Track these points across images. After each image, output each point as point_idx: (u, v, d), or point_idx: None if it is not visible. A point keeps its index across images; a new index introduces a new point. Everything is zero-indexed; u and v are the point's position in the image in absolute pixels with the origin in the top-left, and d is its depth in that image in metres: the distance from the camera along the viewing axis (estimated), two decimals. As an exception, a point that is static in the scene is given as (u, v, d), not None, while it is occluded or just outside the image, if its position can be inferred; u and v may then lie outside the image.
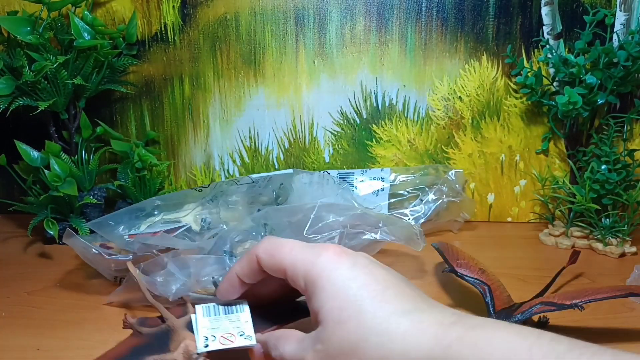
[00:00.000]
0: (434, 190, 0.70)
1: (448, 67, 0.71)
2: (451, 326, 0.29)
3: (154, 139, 0.75)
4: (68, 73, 0.63)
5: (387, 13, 0.71)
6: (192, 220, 0.57)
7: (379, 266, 0.34)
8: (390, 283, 0.33)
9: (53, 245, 0.66)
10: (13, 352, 0.42)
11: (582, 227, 0.67)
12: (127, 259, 0.51)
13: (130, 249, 0.51)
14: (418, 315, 0.31)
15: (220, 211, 0.58)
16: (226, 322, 0.38)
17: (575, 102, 0.63)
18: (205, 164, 0.76)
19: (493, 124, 0.72)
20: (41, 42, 0.61)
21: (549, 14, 0.68)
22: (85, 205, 0.66)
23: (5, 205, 0.67)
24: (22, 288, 0.55)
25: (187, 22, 0.72)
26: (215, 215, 0.58)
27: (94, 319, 0.48)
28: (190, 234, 0.56)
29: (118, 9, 0.72)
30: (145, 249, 0.51)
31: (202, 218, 0.57)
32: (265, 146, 0.75)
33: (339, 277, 0.32)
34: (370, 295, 0.32)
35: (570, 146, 0.70)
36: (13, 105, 0.62)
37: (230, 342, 0.36)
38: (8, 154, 0.67)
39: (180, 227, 0.56)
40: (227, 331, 0.37)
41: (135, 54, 0.72)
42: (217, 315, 0.39)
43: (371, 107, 0.73)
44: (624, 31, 0.66)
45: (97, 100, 0.71)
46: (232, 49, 0.72)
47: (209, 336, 0.37)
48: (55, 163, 0.62)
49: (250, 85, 0.73)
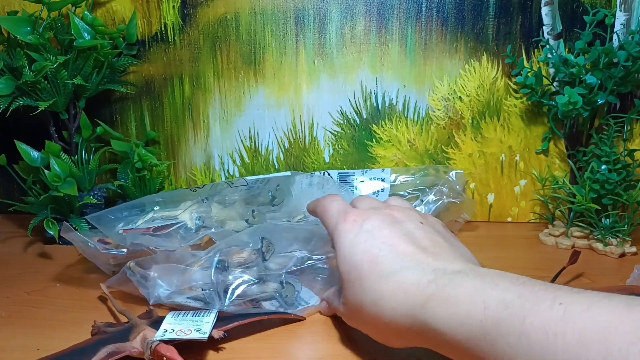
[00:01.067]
0: (434, 191, 0.70)
1: (448, 67, 0.71)
2: (428, 285, 0.33)
3: (154, 139, 0.75)
4: (68, 73, 0.63)
5: (387, 13, 0.71)
6: (188, 218, 0.57)
7: (387, 225, 0.39)
8: (386, 245, 0.37)
9: (53, 245, 0.66)
10: (13, 352, 0.42)
11: (582, 227, 0.67)
12: (122, 254, 0.52)
13: (124, 245, 0.52)
14: (403, 274, 0.35)
15: (215, 210, 0.58)
16: (189, 321, 0.41)
17: (576, 102, 0.63)
18: (205, 164, 0.76)
19: (493, 124, 0.72)
20: (41, 42, 0.61)
21: (549, 14, 0.68)
22: (85, 206, 0.66)
23: (5, 205, 0.67)
24: (22, 288, 0.55)
25: (187, 22, 0.72)
26: (210, 214, 0.58)
27: (93, 319, 0.48)
28: (185, 232, 0.56)
29: (118, 9, 0.72)
30: (136, 247, 0.51)
31: (197, 216, 0.57)
32: (265, 146, 0.75)
33: (347, 244, 0.39)
34: (368, 259, 0.37)
35: (570, 146, 0.70)
36: (13, 105, 0.62)
37: (185, 335, 0.39)
38: (8, 154, 0.67)
39: (175, 224, 0.57)
40: (186, 327, 0.40)
41: (135, 54, 0.72)
42: (184, 317, 0.42)
43: (371, 107, 0.73)
44: (624, 31, 0.66)
45: (97, 100, 0.71)
46: (232, 49, 0.72)
47: (169, 329, 0.40)
48: (55, 163, 0.62)
49: (250, 85, 0.73)
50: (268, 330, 0.45)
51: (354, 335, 0.43)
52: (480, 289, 0.31)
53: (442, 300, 0.32)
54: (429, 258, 0.36)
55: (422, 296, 0.33)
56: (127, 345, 0.39)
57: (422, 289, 0.33)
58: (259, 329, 0.45)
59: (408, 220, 0.40)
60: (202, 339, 0.39)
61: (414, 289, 0.34)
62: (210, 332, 0.40)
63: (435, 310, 0.32)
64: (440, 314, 0.32)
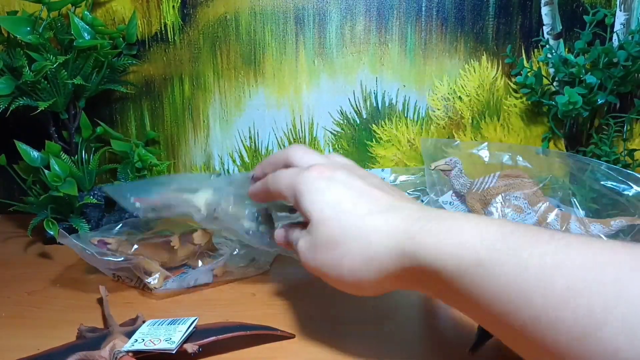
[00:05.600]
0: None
1: (448, 67, 0.71)
2: (417, 221, 0.33)
3: (154, 139, 0.75)
4: (68, 73, 0.63)
5: (387, 13, 0.71)
6: (203, 203, 0.57)
7: (357, 177, 0.39)
8: (365, 190, 0.37)
9: (53, 245, 0.66)
10: (13, 352, 0.42)
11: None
12: (119, 259, 0.52)
13: (136, 213, 0.52)
14: (390, 214, 0.35)
15: (228, 204, 0.57)
16: (162, 330, 0.41)
17: (575, 102, 0.63)
18: (205, 164, 0.76)
19: (493, 123, 0.72)
20: (41, 42, 0.61)
21: (549, 14, 0.68)
22: (85, 205, 0.66)
23: (5, 205, 0.67)
24: (22, 288, 0.55)
25: (187, 22, 0.72)
26: (222, 204, 0.57)
27: (93, 319, 0.48)
28: (198, 217, 0.56)
29: (118, 9, 0.72)
30: (147, 212, 0.52)
31: (213, 207, 0.57)
32: (265, 146, 0.75)
33: (319, 187, 0.38)
34: (347, 199, 0.37)
35: (570, 146, 0.70)
36: (13, 105, 0.62)
37: (153, 345, 0.39)
38: (8, 154, 0.67)
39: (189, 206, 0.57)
40: (156, 337, 0.40)
41: (135, 54, 0.72)
42: (159, 326, 0.41)
43: (371, 107, 0.73)
44: (624, 31, 0.66)
45: (97, 100, 0.71)
46: (232, 49, 0.72)
47: (139, 339, 0.40)
48: (55, 163, 0.62)
49: (250, 85, 0.73)
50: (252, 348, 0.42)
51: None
52: (475, 224, 0.31)
53: (433, 232, 0.32)
54: (410, 203, 0.37)
55: (412, 228, 0.33)
56: (95, 354, 0.38)
57: (411, 223, 0.33)
58: (240, 346, 0.42)
59: (370, 176, 0.41)
60: (168, 349, 0.38)
61: (404, 223, 0.33)
62: (180, 342, 0.38)
63: (426, 241, 0.32)
64: (430, 244, 0.31)
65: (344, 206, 0.36)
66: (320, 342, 0.43)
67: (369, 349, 0.42)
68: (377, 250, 0.34)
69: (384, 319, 0.47)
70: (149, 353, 0.39)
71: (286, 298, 0.52)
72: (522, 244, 0.28)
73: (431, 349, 0.43)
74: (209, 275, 0.54)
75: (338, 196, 0.37)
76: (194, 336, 0.40)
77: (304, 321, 0.47)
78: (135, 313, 0.46)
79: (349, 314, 0.48)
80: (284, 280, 0.55)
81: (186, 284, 0.53)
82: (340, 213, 0.36)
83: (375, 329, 0.45)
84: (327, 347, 0.43)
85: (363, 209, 0.36)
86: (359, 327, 0.46)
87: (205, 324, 0.43)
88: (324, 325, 0.46)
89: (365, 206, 0.36)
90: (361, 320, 0.47)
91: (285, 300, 0.51)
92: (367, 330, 0.45)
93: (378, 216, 0.35)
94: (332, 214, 0.36)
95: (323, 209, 0.37)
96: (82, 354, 0.38)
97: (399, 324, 0.46)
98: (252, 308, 0.50)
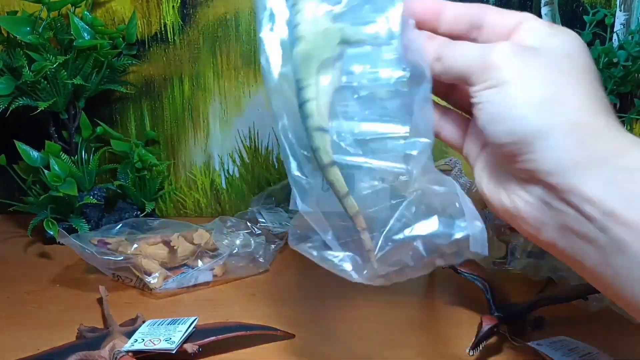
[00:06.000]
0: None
1: (448, 67, 0.71)
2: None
3: (153, 139, 0.75)
4: (68, 73, 0.63)
5: (387, 13, 0.70)
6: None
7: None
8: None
9: (53, 245, 0.66)
10: (13, 352, 0.42)
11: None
12: (119, 259, 0.52)
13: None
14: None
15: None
16: (162, 330, 0.41)
17: (575, 102, 0.63)
18: (205, 164, 0.76)
19: (493, 123, 0.72)
20: (41, 42, 0.61)
21: (548, 14, 0.68)
22: (85, 205, 0.66)
23: (5, 205, 0.67)
24: (22, 288, 0.55)
25: (187, 22, 0.72)
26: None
27: (93, 319, 0.48)
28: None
29: (118, 9, 0.72)
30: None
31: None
32: (265, 146, 0.75)
33: (523, 60, 0.30)
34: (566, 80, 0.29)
35: (570, 146, 0.70)
36: (13, 105, 0.62)
37: (153, 345, 0.39)
38: (8, 154, 0.67)
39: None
40: (156, 337, 0.40)
41: (135, 54, 0.72)
42: (159, 326, 0.41)
43: (371, 107, 0.73)
44: (624, 31, 0.66)
45: (97, 100, 0.71)
46: (232, 49, 0.72)
47: (139, 339, 0.40)
48: (55, 163, 0.62)
49: (250, 85, 0.73)
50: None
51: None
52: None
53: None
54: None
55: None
56: (95, 354, 0.39)
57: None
58: (240, 346, 0.43)
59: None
60: (169, 349, 0.38)
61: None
62: (180, 342, 0.38)
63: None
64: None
65: (563, 85, 0.29)
66: (320, 342, 0.43)
67: (369, 348, 0.42)
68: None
69: (384, 318, 0.47)
70: (149, 353, 0.39)
71: (286, 298, 0.52)
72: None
73: (431, 349, 0.43)
74: (208, 275, 0.54)
75: (554, 73, 0.30)
76: (194, 336, 0.41)
77: (304, 321, 0.47)
78: (135, 313, 0.46)
79: (348, 314, 0.48)
80: (284, 280, 0.55)
81: (186, 284, 0.53)
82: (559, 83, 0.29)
83: (375, 328, 0.45)
84: (327, 347, 0.43)
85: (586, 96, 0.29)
86: (359, 327, 0.46)
87: (205, 323, 0.43)
88: (324, 325, 0.46)
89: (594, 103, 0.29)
90: (361, 320, 0.47)
91: (285, 300, 0.51)
92: (367, 330, 0.45)
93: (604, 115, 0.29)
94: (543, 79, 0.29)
95: (536, 76, 0.29)
96: (82, 354, 0.39)
97: (399, 323, 0.46)
98: (252, 308, 0.50)
